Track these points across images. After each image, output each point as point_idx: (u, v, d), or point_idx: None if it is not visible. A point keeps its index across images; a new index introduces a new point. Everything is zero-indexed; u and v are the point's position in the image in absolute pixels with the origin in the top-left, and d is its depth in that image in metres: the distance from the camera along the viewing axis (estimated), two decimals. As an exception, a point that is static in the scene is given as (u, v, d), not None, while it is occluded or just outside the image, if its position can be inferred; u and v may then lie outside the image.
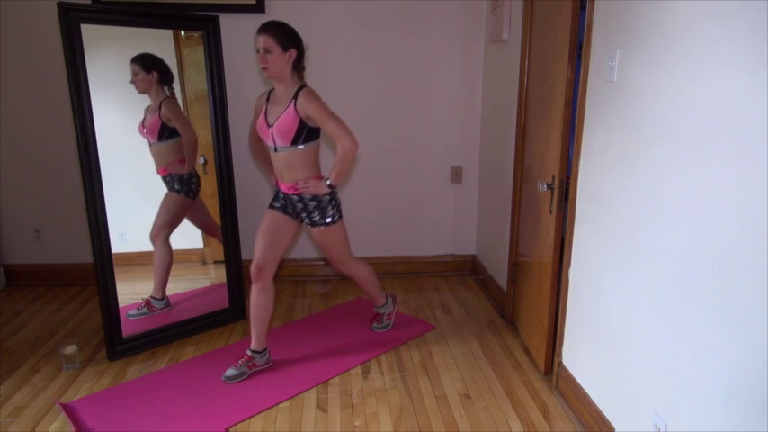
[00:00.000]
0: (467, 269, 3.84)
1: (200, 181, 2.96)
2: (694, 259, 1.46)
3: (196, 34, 2.78)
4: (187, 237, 3.02)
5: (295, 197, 2.40)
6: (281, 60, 2.23)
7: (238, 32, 3.28)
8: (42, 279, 3.58)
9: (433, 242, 3.78)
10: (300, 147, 2.29)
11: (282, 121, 2.25)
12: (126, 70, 2.70)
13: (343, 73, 3.44)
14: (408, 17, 3.39)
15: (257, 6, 3.26)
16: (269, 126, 2.30)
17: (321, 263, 3.70)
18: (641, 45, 1.68)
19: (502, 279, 3.20)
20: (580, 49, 2.11)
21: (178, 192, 2.87)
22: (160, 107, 2.76)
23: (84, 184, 2.45)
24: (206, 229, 3.08)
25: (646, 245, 1.69)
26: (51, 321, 3.06)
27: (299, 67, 2.32)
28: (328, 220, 2.41)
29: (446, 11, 3.40)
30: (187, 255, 3.06)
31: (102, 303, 2.57)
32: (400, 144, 3.59)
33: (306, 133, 2.28)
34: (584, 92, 2.07)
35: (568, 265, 2.25)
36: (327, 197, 2.39)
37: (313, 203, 2.39)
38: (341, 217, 2.47)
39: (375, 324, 2.91)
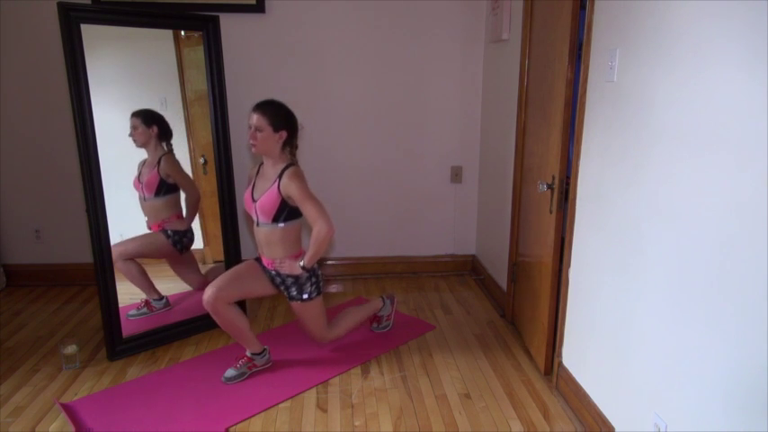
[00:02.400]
0: (467, 269, 3.84)
1: (193, 237, 2.95)
2: (694, 259, 1.46)
3: (196, 34, 2.78)
4: (187, 237, 3.02)
5: (273, 272, 2.43)
6: (271, 140, 2.26)
7: (238, 32, 3.28)
8: (42, 279, 3.58)
9: (433, 242, 3.78)
10: (281, 225, 2.32)
11: (265, 198, 2.29)
12: (126, 70, 2.70)
13: (343, 73, 3.44)
14: (408, 17, 3.39)
15: (257, 6, 3.26)
16: (253, 201, 2.35)
17: (330, 262, 3.71)
18: (641, 45, 1.68)
19: (502, 279, 3.20)
20: (580, 49, 2.11)
21: (167, 237, 2.85)
22: (159, 162, 2.76)
23: (84, 184, 2.44)
24: (190, 282, 3.01)
25: (646, 245, 1.69)
26: (51, 321, 3.06)
27: (290, 144, 2.34)
28: (305, 296, 2.41)
29: (446, 11, 3.40)
30: (187, 255, 3.06)
31: (102, 303, 2.57)
32: (400, 144, 3.59)
33: (287, 212, 2.31)
34: (584, 92, 2.07)
35: (568, 265, 2.25)
36: (306, 275, 2.39)
37: (291, 279, 2.40)
38: (319, 293, 2.46)
39: (375, 325, 2.91)
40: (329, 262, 3.72)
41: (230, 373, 2.43)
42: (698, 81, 1.42)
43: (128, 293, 2.76)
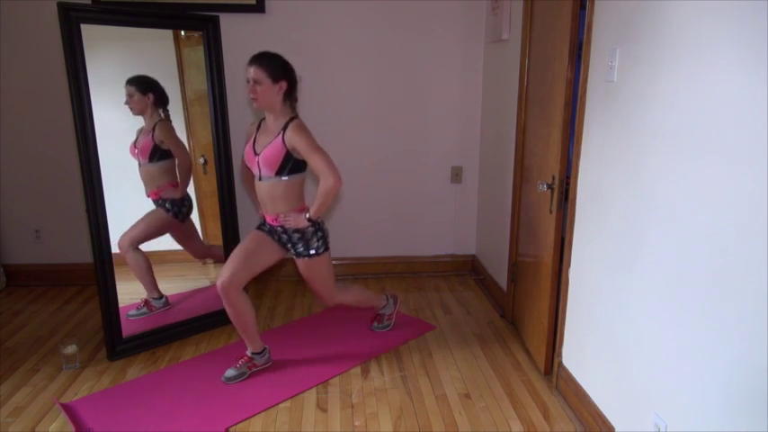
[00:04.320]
0: (467, 269, 3.84)
1: (191, 204, 2.94)
2: (694, 259, 1.46)
3: (196, 34, 2.78)
4: (187, 237, 3.02)
5: (279, 228, 2.39)
6: (271, 92, 2.23)
7: (238, 32, 3.28)
8: (42, 279, 3.58)
9: (433, 242, 3.78)
10: (284, 178, 2.28)
11: (269, 150, 2.25)
12: (126, 70, 2.69)
13: (344, 73, 3.44)
14: (408, 17, 3.39)
15: (257, 6, 3.26)
16: (256, 154, 2.30)
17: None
18: (641, 45, 1.68)
19: (502, 279, 3.20)
20: (580, 49, 2.11)
21: (167, 210, 2.85)
22: (154, 129, 2.75)
23: (84, 184, 2.45)
24: (193, 251, 3.03)
25: (646, 245, 1.69)
26: (51, 321, 3.06)
27: (290, 97, 2.31)
28: (312, 251, 2.37)
29: (446, 11, 3.41)
30: (187, 255, 3.06)
31: (102, 303, 2.58)
32: (400, 144, 3.59)
33: (291, 165, 2.27)
34: (584, 92, 2.07)
35: (568, 265, 2.25)
36: (312, 229, 2.35)
37: (297, 235, 2.35)
38: (327, 249, 2.42)
39: (375, 324, 2.91)
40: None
41: (230, 372, 2.43)
42: (698, 81, 1.42)
43: (128, 293, 2.76)
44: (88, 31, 2.38)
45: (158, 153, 2.77)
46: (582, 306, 2.16)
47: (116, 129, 2.69)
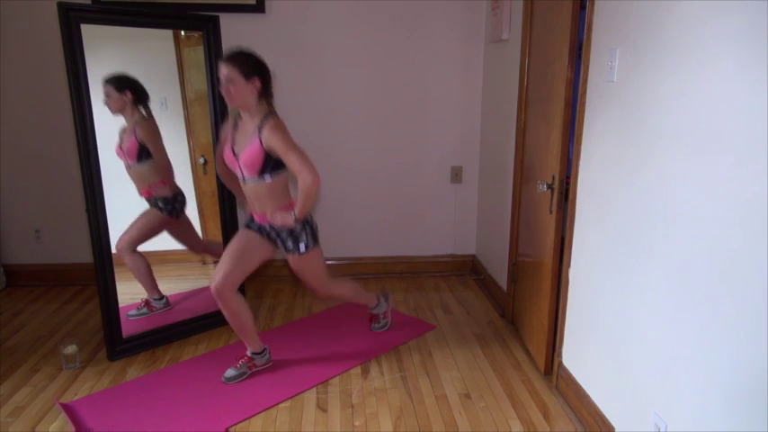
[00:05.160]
0: (467, 269, 3.84)
1: (185, 199, 2.92)
2: (695, 259, 1.46)
3: (196, 34, 2.78)
4: (187, 237, 3.02)
5: (268, 226, 2.38)
6: (245, 91, 2.18)
7: (238, 32, 3.28)
8: (42, 279, 3.58)
9: (432, 242, 3.78)
10: (268, 178, 2.25)
11: (248, 153, 2.22)
12: (126, 70, 2.69)
13: (343, 73, 3.44)
14: (408, 17, 3.39)
15: (257, 6, 3.26)
16: (235, 156, 2.27)
17: (330, 263, 3.69)
18: (641, 45, 1.68)
19: (502, 279, 3.20)
20: (580, 49, 2.11)
21: (161, 210, 2.84)
22: (136, 128, 2.74)
23: (84, 184, 2.45)
24: (191, 247, 3.03)
25: (646, 245, 1.69)
26: (51, 321, 3.06)
27: (266, 94, 2.26)
28: (302, 248, 2.36)
29: (446, 11, 3.41)
30: (187, 255, 3.06)
31: (102, 303, 2.58)
32: (400, 144, 3.59)
33: (273, 164, 2.24)
34: (584, 92, 2.07)
35: (568, 265, 2.25)
36: (300, 225, 2.34)
37: (285, 232, 2.35)
38: (317, 243, 2.41)
39: (374, 324, 2.91)
40: (329, 262, 3.72)
41: (230, 372, 2.43)
42: (698, 81, 1.42)
43: (128, 293, 2.76)
44: (88, 31, 2.38)
45: (145, 152, 2.74)
46: (582, 306, 2.16)
47: (116, 129, 2.69)
